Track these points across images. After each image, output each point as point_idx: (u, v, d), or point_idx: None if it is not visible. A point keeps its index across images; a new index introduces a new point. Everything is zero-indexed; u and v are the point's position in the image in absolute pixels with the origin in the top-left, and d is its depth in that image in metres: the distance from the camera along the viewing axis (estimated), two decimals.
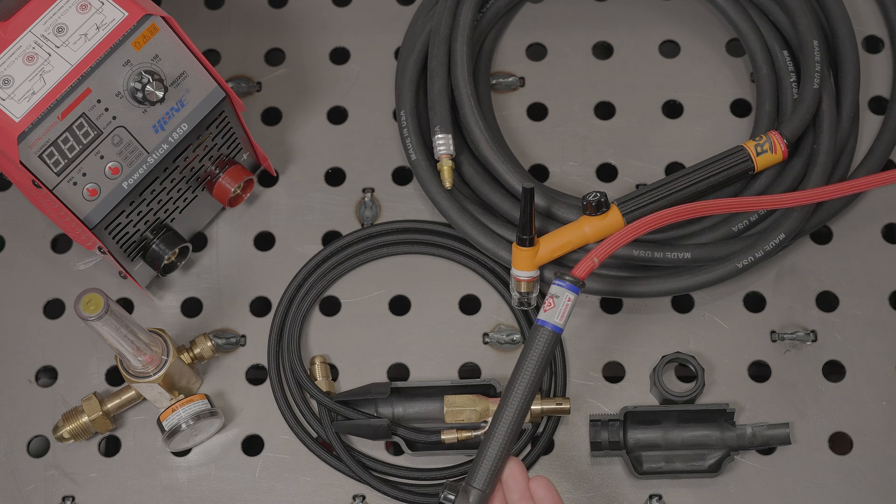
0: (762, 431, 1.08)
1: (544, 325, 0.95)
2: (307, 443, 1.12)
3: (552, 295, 0.96)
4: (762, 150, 1.13)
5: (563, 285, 0.96)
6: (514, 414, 0.94)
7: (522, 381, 0.95)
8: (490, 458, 0.94)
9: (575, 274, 0.96)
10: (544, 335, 0.95)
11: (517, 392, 0.95)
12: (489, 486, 0.93)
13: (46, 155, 0.99)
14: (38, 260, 1.19)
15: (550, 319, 0.95)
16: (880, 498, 1.09)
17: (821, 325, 1.14)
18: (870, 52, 1.25)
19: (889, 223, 1.18)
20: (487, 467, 0.93)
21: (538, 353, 0.95)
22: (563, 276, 0.96)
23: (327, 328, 1.16)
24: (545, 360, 0.95)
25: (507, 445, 0.94)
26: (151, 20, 1.00)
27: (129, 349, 1.03)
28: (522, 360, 0.96)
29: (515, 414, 0.94)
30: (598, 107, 1.24)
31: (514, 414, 0.94)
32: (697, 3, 1.27)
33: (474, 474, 0.94)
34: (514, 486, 0.94)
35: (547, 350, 0.95)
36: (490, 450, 0.94)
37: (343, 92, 1.25)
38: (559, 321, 0.95)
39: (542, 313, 0.95)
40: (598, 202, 1.09)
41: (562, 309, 0.95)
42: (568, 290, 0.95)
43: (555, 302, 0.95)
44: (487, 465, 0.93)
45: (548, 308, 0.95)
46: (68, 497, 1.11)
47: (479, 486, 0.93)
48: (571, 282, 0.96)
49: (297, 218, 1.20)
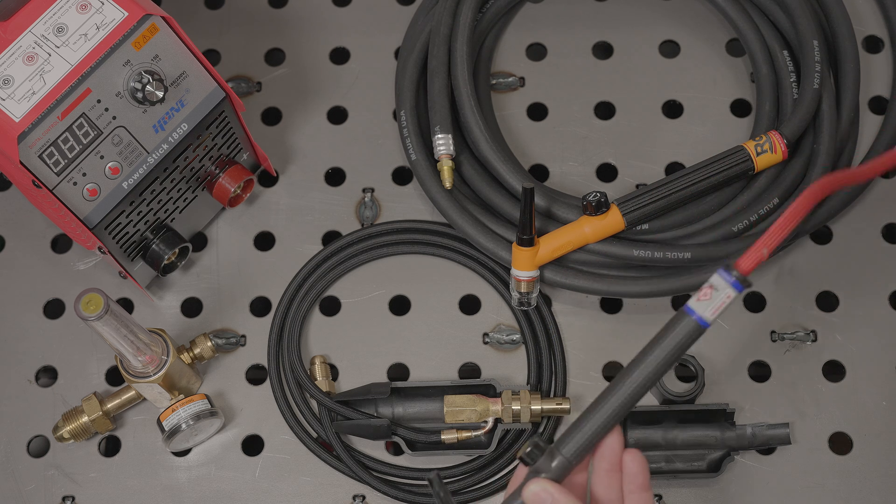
0: (762, 431, 1.08)
1: (692, 314, 0.85)
2: (307, 443, 1.12)
3: (712, 285, 0.84)
4: (762, 150, 1.13)
5: (728, 279, 0.83)
6: (630, 392, 0.86)
7: (649, 365, 0.86)
8: (587, 432, 0.87)
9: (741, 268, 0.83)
10: (689, 325, 0.85)
11: (639, 374, 0.86)
12: (577, 458, 0.87)
13: (46, 155, 0.99)
14: (38, 260, 1.19)
15: (701, 312, 0.84)
16: (880, 498, 1.09)
17: (821, 325, 1.14)
18: (870, 52, 1.25)
19: (889, 223, 1.18)
20: (582, 440, 0.87)
21: (677, 340, 0.85)
22: (732, 271, 0.83)
23: (327, 328, 1.16)
24: (680, 350, 0.86)
25: (609, 423, 0.87)
26: (151, 20, 1.00)
27: (129, 349, 1.03)
28: (656, 343, 0.86)
29: (630, 396, 0.86)
30: (598, 107, 1.24)
31: (631, 392, 0.86)
32: (697, 3, 1.27)
33: (566, 441, 0.87)
34: (607, 455, 0.88)
35: (685, 341, 0.85)
36: (591, 423, 0.87)
37: (343, 92, 1.25)
38: (709, 316, 0.84)
39: (695, 301, 0.84)
40: (598, 202, 1.09)
41: (717, 304, 0.84)
42: (732, 288, 0.83)
43: (712, 294, 0.84)
44: (582, 437, 0.87)
45: (702, 297, 0.84)
46: (68, 497, 1.11)
47: (566, 455, 0.87)
48: (739, 279, 0.83)
49: (297, 218, 1.20)
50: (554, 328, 1.14)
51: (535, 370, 1.13)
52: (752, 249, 0.83)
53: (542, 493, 0.86)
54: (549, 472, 0.87)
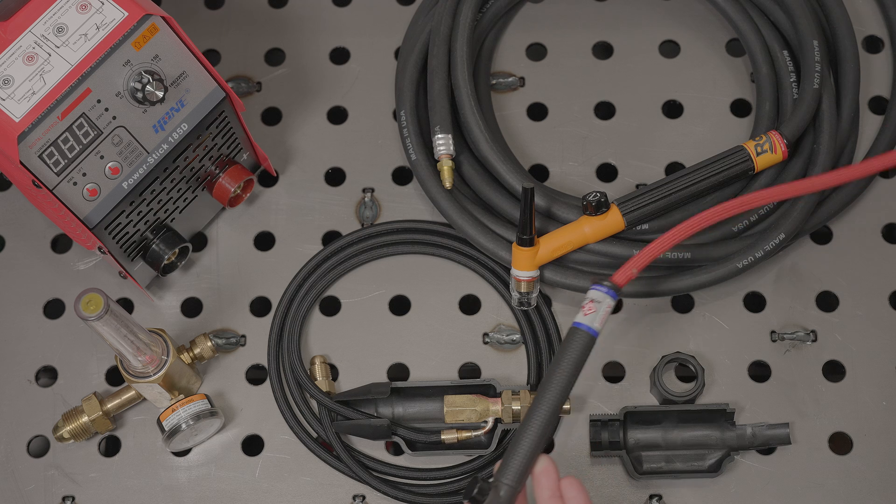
0: (762, 431, 1.08)
1: (581, 327, 0.95)
2: (307, 443, 1.12)
3: (592, 300, 0.95)
4: (762, 150, 1.13)
5: (602, 290, 0.95)
6: (547, 412, 0.94)
7: (558, 381, 0.94)
8: (521, 454, 0.93)
9: (614, 280, 0.96)
10: (581, 338, 0.95)
11: (551, 391, 0.94)
12: (519, 482, 0.93)
13: (46, 155, 0.99)
14: (38, 260, 1.19)
15: (589, 323, 0.95)
16: (880, 498, 1.09)
17: (821, 325, 1.14)
18: (870, 52, 1.25)
19: (889, 223, 1.18)
20: (518, 463, 0.93)
21: (574, 354, 0.95)
22: (603, 282, 0.96)
23: (327, 328, 1.16)
24: (580, 363, 0.95)
25: (539, 442, 0.93)
26: (151, 20, 1.00)
27: (129, 349, 1.03)
28: (557, 361, 0.95)
29: (549, 412, 0.94)
30: (598, 107, 1.24)
31: (548, 412, 0.94)
32: (697, 3, 1.27)
33: (505, 470, 0.93)
34: (545, 483, 0.93)
35: (583, 353, 0.95)
36: (522, 446, 0.93)
37: (343, 92, 1.25)
38: (597, 325, 0.95)
39: (582, 317, 0.95)
40: (598, 202, 1.09)
41: (602, 314, 0.95)
42: (608, 297, 0.95)
43: (595, 307, 0.95)
44: (518, 460, 0.93)
45: (587, 312, 0.95)
46: (68, 497, 1.11)
47: (509, 482, 0.92)
48: (611, 287, 0.96)
49: (297, 218, 1.20)
50: (554, 328, 1.14)
51: (535, 370, 1.13)
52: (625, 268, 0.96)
53: None
54: (499, 501, 0.92)
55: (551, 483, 0.93)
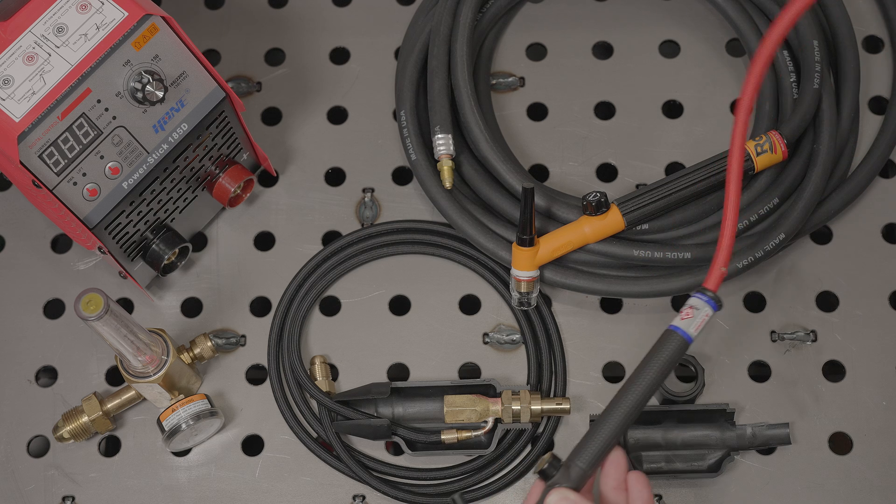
0: (762, 431, 1.08)
1: (676, 330, 0.97)
2: (307, 443, 1.12)
3: (691, 306, 0.97)
4: (762, 150, 1.13)
5: (703, 299, 0.97)
6: (632, 405, 0.95)
7: (647, 377, 0.95)
8: (599, 442, 0.94)
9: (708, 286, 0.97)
10: (676, 340, 0.96)
11: (639, 386, 0.95)
12: (591, 466, 0.94)
13: (46, 155, 0.99)
14: (38, 260, 1.19)
15: (685, 328, 0.96)
16: (880, 498, 1.09)
17: (821, 325, 1.14)
18: (870, 52, 1.25)
19: (889, 223, 1.18)
20: (594, 450, 0.94)
21: (667, 355, 0.96)
22: (706, 292, 0.97)
23: (327, 328, 1.16)
24: (670, 364, 0.96)
25: (617, 434, 0.95)
26: (151, 20, 1.00)
27: (129, 349, 1.03)
28: (649, 360, 0.96)
29: (633, 406, 0.95)
30: (598, 107, 1.24)
31: (630, 408, 0.95)
32: (697, 3, 1.27)
33: (581, 453, 0.94)
34: (613, 473, 0.95)
35: (674, 355, 0.96)
36: (601, 434, 0.95)
37: (343, 92, 1.25)
38: (693, 332, 0.97)
39: (679, 321, 0.97)
40: (598, 202, 1.09)
41: (698, 322, 0.97)
42: (708, 306, 0.97)
43: (693, 314, 0.97)
44: (595, 447, 0.94)
45: (685, 317, 0.97)
46: (68, 497, 1.11)
47: (582, 465, 0.94)
48: (713, 298, 0.97)
49: (297, 218, 1.20)
50: (554, 328, 1.14)
51: (535, 370, 1.13)
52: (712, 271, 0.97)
53: (562, 501, 0.92)
54: (568, 482, 0.93)
55: (619, 474, 0.95)
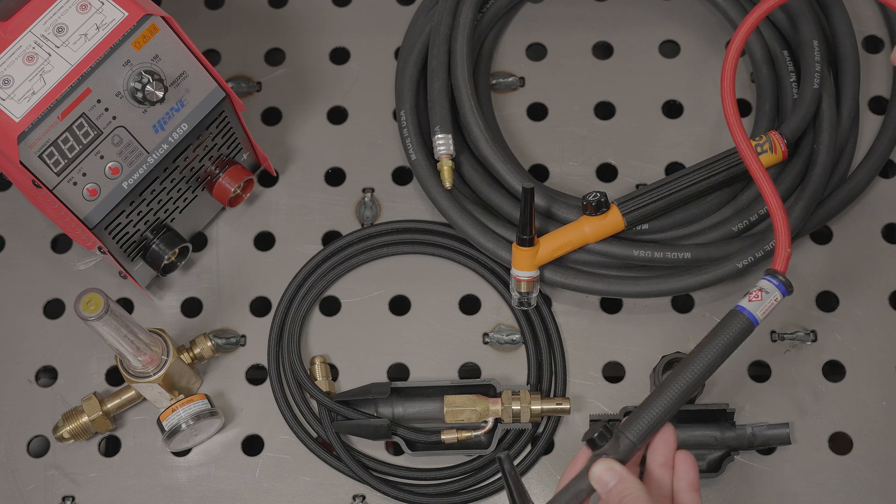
0: (762, 431, 1.08)
1: (744, 311, 0.95)
2: (307, 443, 1.12)
3: (761, 289, 0.96)
4: (762, 150, 1.13)
5: (773, 283, 0.96)
6: (686, 383, 0.94)
7: (707, 356, 0.94)
8: (651, 417, 0.93)
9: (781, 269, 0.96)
10: (741, 322, 0.95)
11: (698, 363, 0.94)
12: (641, 440, 0.93)
13: (46, 155, 0.99)
14: (38, 260, 1.19)
15: (753, 311, 0.95)
16: (880, 498, 1.09)
17: (821, 325, 1.14)
18: (870, 52, 1.25)
19: (889, 223, 1.18)
20: (646, 424, 0.93)
21: (730, 335, 0.94)
22: (777, 275, 0.96)
23: (327, 328, 1.16)
24: (733, 345, 0.95)
25: (671, 409, 0.94)
26: (151, 20, 1.00)
27: (129, 349, 1.03)
28: (712, 338, 0.95)
29: (688, 384, 0.94)
30: (598, 107, 1.24)
31: (687, 384, 0.94)
32: (697, 3, 1.27)
33: (632, 426, 0.93)
34: (661, 450, 0.94)
35: (738, 336, 0.95)
36: (654, 410, 0.93)
37: (343, 92, 1.25)
38: (760, 315, 0.95)
39: (747, 302, 0.95)
40: (598, 202, 1.09)
41: (767, 305, 0.95)
42: (778, 290, 0.95)
43: (762, 296, 0.95)
44: (647, 422, 0.93)
45: (753, 299, 0.95)
46: (68, 497, 1.11)
47: (632, 438, 0.92)
48: (783, 283, 0.96)
49: (297, 218, 1.20)
50: (554, 328, 1.14)
51: (535, 370, 1.13)
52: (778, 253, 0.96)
53: (608, 472, 0.90)
54: (616, 453, 0.92)
55: (667, 451, 0.94)
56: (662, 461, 0.94)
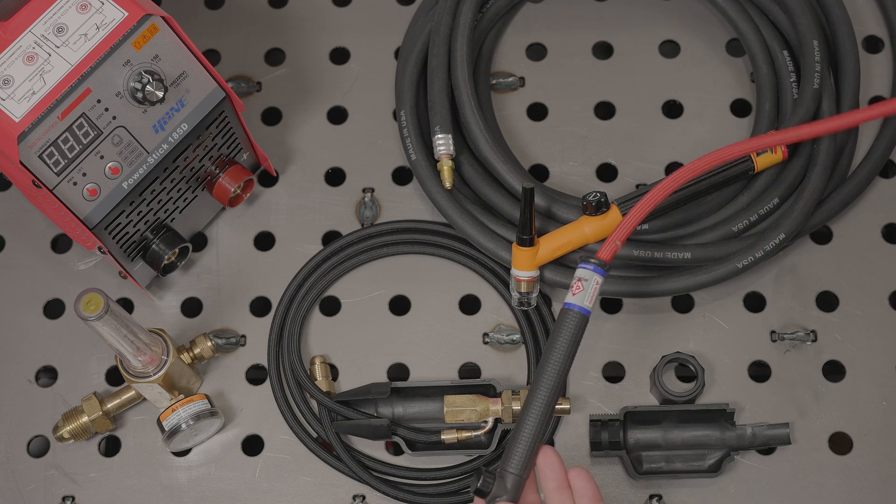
0: (762, 431, 1.08)
1: (572, 307, 0.95)
2: (307, 443, 1.12)
3: (580, 278, 0.96)
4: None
5: (589, 268, 0.96)
6: (546, 397, 0.93)
7: (554, 364, 0.94)
8: (524, 442, 0.92)
9: (600, 256, 0.97)
10: (574, 318, 0.95)
11: (548, 375, 0.94)
12: (525, 470, 0.92)
13: (46, 155, 0.99)
14: (38, 260, 1.19)
15: (579, 302, 0.95)
16: (880, 498, 1.09)
17: (821, 325, 1.14)
18: (870, 52, 1.25)
19: (889, 223, 1.18)
20: (522, 451, 0.92)
21: (568, 335, 0.95)
22: (589, 259, 0.96)
23: (327, 328, 1.16)
24: (574, 343, 0.95)
25: (540, 430, 0.93)
26: (151, 20, 1.00)
27: (129, 349, 1.03)
28: (552, 344, 0.95)
29: (547, 397, 0.94)
30: (598, 107, 1.24)
31: (546, 397, 0.93)
32: (697, 3, 1.27)
33: (509, 459, 0.92)
34: (550, 474, 0.93)
35: (576, 333, 0.95)
36: (524, 434, 0.93)
37: (343, 92, 1.25)
38: (588, 304, 0.95)
39: (571, 297, 0.95)
40: (598, 202, 1.09)
41: (590, 292, 0.95)
42: (595, 273, 0.96)
43: (583, 285, 0.95)
44: (522, 448, 0.92)
45: (576, 291, 0.95)
46: (68, 497, 1.11)
47: (514, 471, 0.92)
48: (598, 264, 0.96)
49: (297, 218, 1.20)
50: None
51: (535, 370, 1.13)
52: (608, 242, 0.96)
53: None
54: (506, 493, 0.91)
55: (556, 474, 0.92)
56: (556, 485, 0.92)
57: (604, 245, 0.97)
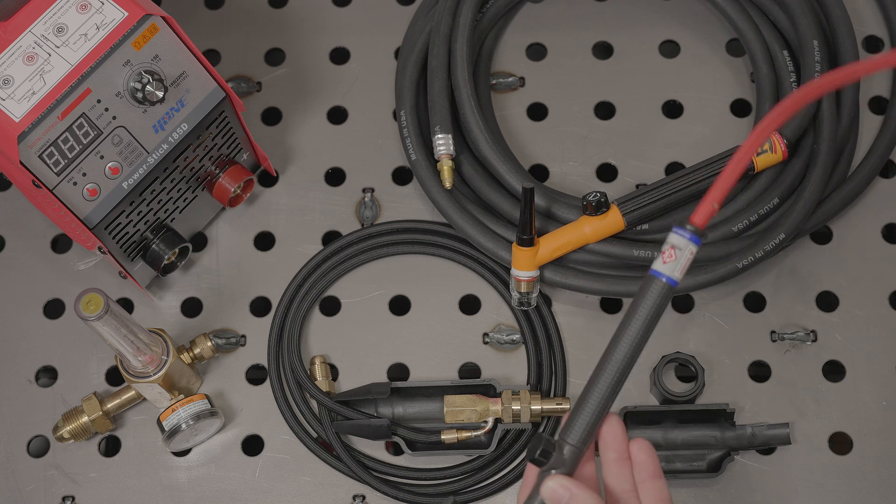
0: (762, 431, 1.08)
1: (660, 276, 0.85)
2: (307, 443, 1.12)
3: (674, 245, 0.84)
4: (762, 150, 1.13)
5: (685, 236, 0.84)
6: (618, 367, 0.86)
7: (630, 334, 0.86)
8: (588, 414, 0.86)
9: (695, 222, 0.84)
10: (660, 287, 0.85)
11: (624, 344, 0.86)
12: (584, 442, 0.87)
13: (46, 155, 0.99)
14: (38, 260, 1.19)
15: (669, 272, 0.84)
16: (880, 498, 1.09)
17: (821, 325, 1.14)
18: (870, 52, 1.25)
19: (889, 223, 1.18)
20: (584, 423, 0.86)
21: (651, 305, 0.85)
22: (686, 226, 0.84)
23: (327, 328, 1.16)
24: (657, 315, 0.86)
25: (606, 401, 0.87)
26: (151, 20, 1.00)
27: (129, 349, 1.03)
28: (632, 312, 0.86)
29: (620, 369, 0.86)
30: (598, 107, 1.24)
31: (619, 368, 0.86)
32: (697, 3, 1.27)
33: (570, 429, 0.87)
34: (612, 444, 0.88)
35: (661, 304, 0.86)
36: (589, 405, 0.86)
37: (343, 92, 1.25)
38: (677, 275, 0.84)
39: (661, 264, 0.84)
40: (598, 202, 1.09)
41: (683, 262, 0.84)
42: (691, 243, 0.84)
43: (675, 254, 0.84)
44: (584, 420, 0.86)
45: (667, 259, 0.84)
46: (68, 497, 1.11)
47: (573, 442, 0.86)
48: (694, 232, 0.84)
49: (297, 218, 1.20)
50: (554, 328, 1.14)
51: (535, 370, 1.13)
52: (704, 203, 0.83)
53: (559, 489, 0.85)
54: (562, 465, 0.86)
55: (618, 444, 0.88)
56: (616, 456, 0.88)
57: (699, 208, 0.84)
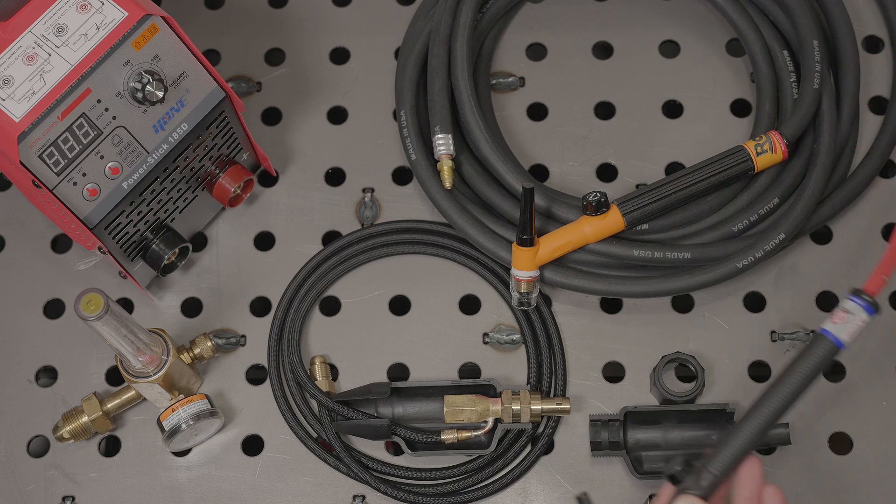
0: None
1: (828, 335, 0.92)
2: (307, 443, 1.12)
3: (846, 310, 0.92)
4: (762, 150, 1.13)
5: (860, 304, 0.92)
6: (771, 413, 0.92)
7: (790, 385, 0.92)
8: (735, 449, 0.91)
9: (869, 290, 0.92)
10: (825, 346, 0.92)
11: (782, 392, 0.92)
12: (724, 474, 0.91)
13: (46, 155, 0.99)
14: (38, 260, 1.19)
15: (837, 333, 0.92)
16: (880, 498, 1.09)
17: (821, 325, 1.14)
18: (870, 52, 1.25)
19: (889, 223, 1.18)
20: (729, 456, 0.91)
21: (815, 362, 0.92)
22: (863, 296, 0.92)
23: (327, 328, 1.16)
24: (818, 370, 0.92)
25: (754, 441, 0.92)
26: (151, 20, 1.00)
27: (129, 349, 1.03)
28: (797, 364, 0.93)
29: (773, 414, 0.92)
30: (598, 107, 1.24)
31: (772, 413, 0.92)
32: (697, 3, 1.27)
33: (715, 459, 0.91)
34: (747, 484, 0.92)
35: (823, 362, 0.92)
36: (738, 441, 0.92)
37: (343, 92, 1.25)
38: (845, 338, 0.92)
39: (830, 324, 0.92)
40: (598, 202, 1.09)
41: (852, 328, 0.92)
42: (864, 312, 0.92)
43: (846, 318, 0.92)
44: (730, 454, 0.91)
45: (836, 321, 0.92)
46: (68, 497, 1.11)
47: (714, 471, 0.91)
48: (870, 304, 0.92)
49: (297, 218, 1.20)
50: (554, 328, 1.14)
51: (535, 370, 1.13)
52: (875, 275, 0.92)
53: None
54: (698, 489, 0.91)
55: (753, 485, 0.92)
56: (749, 495, 0.91)
57: (871, 277, 0.92)
